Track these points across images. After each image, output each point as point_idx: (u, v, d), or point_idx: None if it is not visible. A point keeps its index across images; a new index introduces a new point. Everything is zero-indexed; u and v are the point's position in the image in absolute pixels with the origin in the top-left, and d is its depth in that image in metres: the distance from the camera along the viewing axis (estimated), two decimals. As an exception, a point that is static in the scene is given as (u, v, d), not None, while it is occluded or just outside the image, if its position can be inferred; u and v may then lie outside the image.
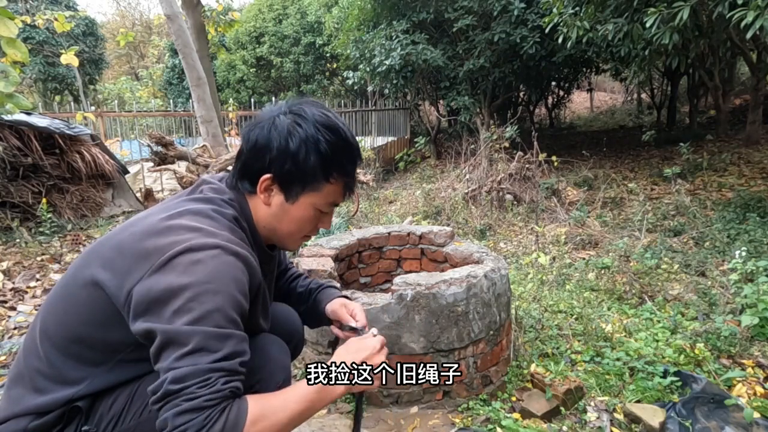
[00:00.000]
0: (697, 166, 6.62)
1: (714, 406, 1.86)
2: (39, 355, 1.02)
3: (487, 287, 1.91)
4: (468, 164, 6.54)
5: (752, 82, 8.05)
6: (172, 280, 0.90)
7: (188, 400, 0.83)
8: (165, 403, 0.85)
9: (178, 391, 0.84)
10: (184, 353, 0.85)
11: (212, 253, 0.94)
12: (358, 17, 9.80)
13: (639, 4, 5.15)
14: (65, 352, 1.01)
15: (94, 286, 0.97)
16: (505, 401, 1.92)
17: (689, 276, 3.49)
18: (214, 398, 0.84)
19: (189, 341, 0.86)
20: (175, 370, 0.85)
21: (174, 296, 0.89)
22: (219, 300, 0.90)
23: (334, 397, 1.00)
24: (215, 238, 0.97)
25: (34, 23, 3.58)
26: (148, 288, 0.90)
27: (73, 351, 1.01)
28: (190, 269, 0.91)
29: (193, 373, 0.84)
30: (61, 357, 1.01)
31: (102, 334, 0.99)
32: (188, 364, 0.85)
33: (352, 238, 2.46)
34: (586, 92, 16.47)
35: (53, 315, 1.03)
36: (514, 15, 7.81)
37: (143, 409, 1.04)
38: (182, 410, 0.83)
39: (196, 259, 0.92)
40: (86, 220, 4.85)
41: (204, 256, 0.93)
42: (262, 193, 1.09)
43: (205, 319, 0.88)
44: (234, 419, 0.84)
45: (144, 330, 0.89)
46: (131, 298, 0.91)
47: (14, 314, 2.83)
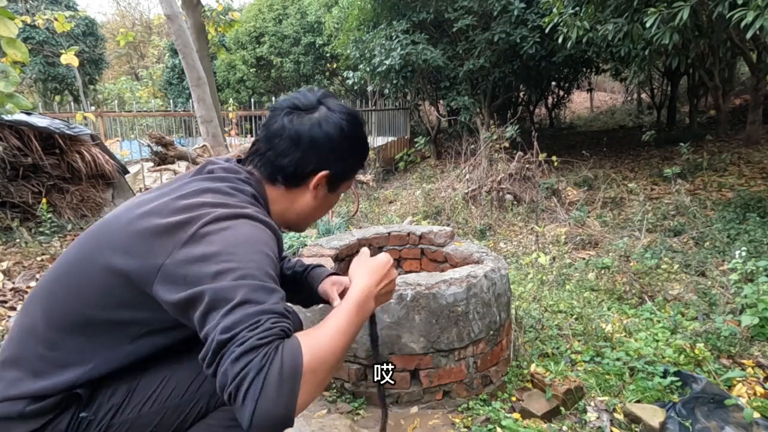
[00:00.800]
0: (697, 166, 6.62)
1: (714, 406, 1.86)
2: (39, 338, 1.00)
3: (487, 287, 1.91)
4: (468, 164, 6.54)
5: (752, 82, 8.05)
6: (207, 248, 0.90)
7: (241, 344, 0.81)
8: (219, 358, 0.83)
9: (229, 339, 0.82)
10: (231, 307, 0.85)
11: (241, 221, 0.95)
12: (358, 17, 9.80)
13: (639, 4, 5.15)
14: (71, 334, 0.99)
15: (109, 272, 0.96)
16: (505, 401, 1.92)
17: (689, 276, 3.49)
18: (267, 336, 0.83)
19: (235, 295, 0.85)
20: (223, 323, 0.84)
21: (213, 260, 0.89)
22: (258, 259, 0.91)
23: (368, 312, 1.02)
24: (241, 209, 0.98)
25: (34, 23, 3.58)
26: (183, 259, 0.90)
27: (79, 333, 0.99)
28: (223, 235, 0.92)
29: (242, 319, 0.84)
30: (66, 339, 0.99)
31: (114, 315, 0.98)
32: (236, 314, 0.84)
33: (352, 238, 2.46)
34: (586, 92, 16.47)
35: (57, 298, 1.01)
36: (514, 15, 7.81)
37: (144, 404, 1.04)
38: (237, 355, 0.81)
39: (227, 226, 0.93)
40: (86, 220, 4.85)
41: (234, 223, 0.94)
42: (314, 190, 1.11)
43: (249, 276, 0.88)
44: (291, 353, 0.83)
45: (185, 298, 0.88)
46: (164, 273, 0.90)
47: (14, 314, 2.83)
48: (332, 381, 1.92)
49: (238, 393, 0.80)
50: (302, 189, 1.11)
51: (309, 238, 3.77)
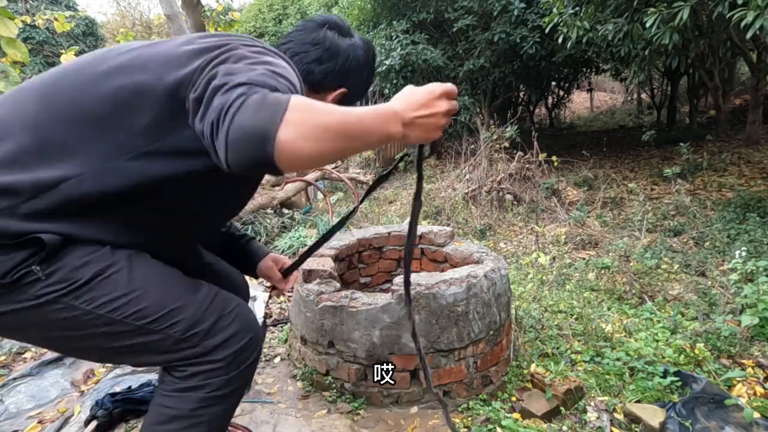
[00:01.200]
0: (697, 166, 6.62)
1: (714, 406, 1.86)
2: (32, 126, 0.93)
3: (487, 287, 1.91)
4: (468, 164, 6.53)
5: (752, 82, 8.05)
6: (242, 59, 0.92)
7: (233, 87, 0.82)
8: (211, 96, 0.83)
9: (223, 84, 0.84)
10: (239, 71, 0.87)
11: (272, 55, 0.99)
12: (358, 17, 9.81)
13: (639, 4, 5.16)
14: (73, 124, 0.94)
15: (125, 90, 0.94)
16: (505, 401, 1.91)
17: (689, 276, 3.49)
18: (258, 80, 0.84)
19: (251, 71, 0.87)
20: (224, 77, 0.85)
21: (246, 59, 0.92)
22: (289, 71, 0.95)
23: (386, 133, 0.87)
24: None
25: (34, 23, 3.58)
26: (218, 66, 0.90)
27: (81, 124, 0.94)
28: (256, 56, 0.94)
29: (239, 75, 0.85)
30: (66, 133, 0.93)
31: (124, 118, 0.95)
32: (240, 76, 0.85)
33: (352, 238, 2.46)
34: (586, 92, 16.47)
35: (65, 94, 0.96)
36: (514, 15, 7.81)
37: (101, 303, 0.96)
38: (228, 88, 0.81)
39: (259, 50, 0.97)
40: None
41: (265, 51, 0.99)
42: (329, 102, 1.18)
43: (276, 73, 0.90)
44: (276, 96, 0.80)
45: (206, 78, 0.88)
46: (192, 77, 0.92)
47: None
48: (332, 381, 1.91)
49: (219, 118, 0.79)
50: (319, 97, 1.16)
51: (309, 239, 3.78)
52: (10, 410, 1.96)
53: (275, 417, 1.77)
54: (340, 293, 1.92)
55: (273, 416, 1.77)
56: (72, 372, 2.24)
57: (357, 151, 0.89)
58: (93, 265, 0.97)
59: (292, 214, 4.46)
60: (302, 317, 1.98)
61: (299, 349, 2.05)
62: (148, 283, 1.03)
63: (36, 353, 2.43)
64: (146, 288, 1.02)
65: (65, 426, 1.82)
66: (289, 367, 2.13)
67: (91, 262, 0.96)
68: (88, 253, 0.97)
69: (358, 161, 8.54)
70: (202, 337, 1.06)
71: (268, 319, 2.78)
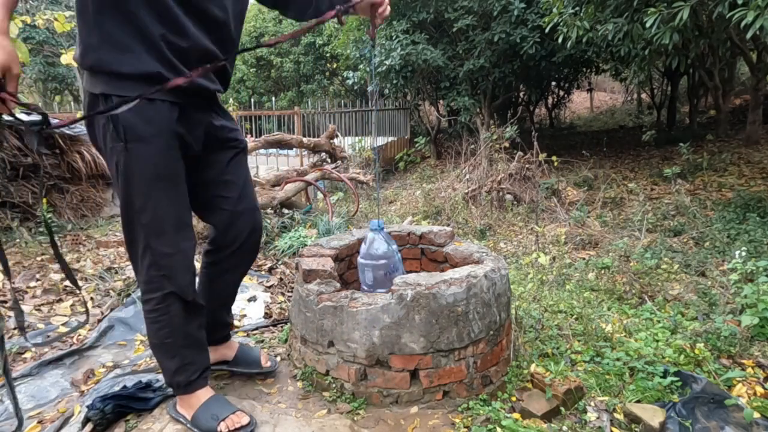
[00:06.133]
0: (697, 166, 6.62)
1: (714, 406, 1.86)
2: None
3: (487, 287, 1.91)
4: (468, 164, 6.54)
5: (752, 82, 8.06)
6: None
7: None
8: None
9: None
10: None
11: None
12: (358, 17, 9.80)
13: (639, 4, 5.16)
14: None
15: None
16: (505, 401, 1.91)
17: (689, 276, 3.49)
18: None
19: None
20: None
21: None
22: None
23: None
24: None
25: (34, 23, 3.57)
26: None
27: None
28: None
29: None
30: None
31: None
32: None
33: (352, 238, 2.46)
34: (586, 92, 16.48)
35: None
36: (514, 15, 7.81)
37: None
38: None
39: None
40: (86, 220, 4.85)
41: None
42: None
43: None
44: None
45: None
46: None
47: (13, 314, 2.83)
48: (332, 381, 1.92)
49: None
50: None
51: (309, 239, 3.78)
52: (10, 410, 1.96)
53: (275, 417, 1.77)
54: (340, 293, 1.92)
55: (273, 416, 1.77)
56: (72, 372, 2.24)
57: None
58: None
59: (292, 214, 4.46)
60: (302, 317, 1.98)
61: (299, 349, 2.05)
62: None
63: (36, 353, 2.44)
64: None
65: (65, 426, 1.82)
66: (289, 367, 2.13)
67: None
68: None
69: (358, 161, 8.54)
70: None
71: (268, 319, 2.78)
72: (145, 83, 1.37)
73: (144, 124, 1.40)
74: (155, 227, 1.48)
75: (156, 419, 1.75)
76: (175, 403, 1.76)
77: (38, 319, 2.79)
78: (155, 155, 1.43)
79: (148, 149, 1.42)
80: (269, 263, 3.69)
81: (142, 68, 1.37)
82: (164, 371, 1.68)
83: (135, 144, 1.40)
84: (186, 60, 1.44)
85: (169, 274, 1.51)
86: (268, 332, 2.59)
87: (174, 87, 1.36)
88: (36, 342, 2.46)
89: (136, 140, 1.40)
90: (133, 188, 1.45)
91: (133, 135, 1.39)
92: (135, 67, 1.37)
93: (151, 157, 1.43)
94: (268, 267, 3.63)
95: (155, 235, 1.48)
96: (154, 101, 1.40)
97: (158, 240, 1.49)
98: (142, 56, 1.37)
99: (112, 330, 2.61)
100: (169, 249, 1.50)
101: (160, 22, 1.36)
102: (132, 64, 1.37)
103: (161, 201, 1.47)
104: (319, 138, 5.36)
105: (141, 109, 1.38)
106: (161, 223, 1.48)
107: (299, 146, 5.25)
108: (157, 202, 1.47)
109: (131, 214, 1.48)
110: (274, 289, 3.24)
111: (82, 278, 3.38)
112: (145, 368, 2.21)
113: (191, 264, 1.59)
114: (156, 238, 1.48)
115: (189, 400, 1.69)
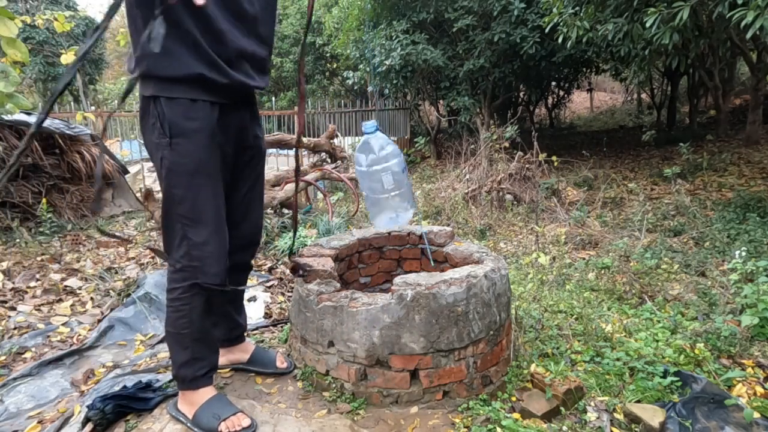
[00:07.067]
0: (697, 166, 6.62)
1: (714, 406, 1.86)
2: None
3: (487, 287, 1.91)
4: (468, 164, 6.53)
5: (752, 82, 8.06)
6: None
7: None
8: None
9: None
10: None
11: None
12: (358, 17, 9.80)
13: (639, 4, 5.15)
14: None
15: None
16: (505, 401, 1.91)
17: (689, 276, 3.49)
18: None
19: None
20: None
21: None
22: None
23: None
24: None
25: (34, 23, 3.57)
26: None
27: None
28: None
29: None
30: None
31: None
32: None
33: (352, 238, 2.46)
34: (586, 92, 16.48)
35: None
36: (514, 15, 7.81)
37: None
38: None
39: None
40: (86, 220, 4.85)
41: None
42: None
43: None
44: None
45: None
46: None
47: (14, 314, 2.83)
48: (332, 381, 1.92)
49: None
50: None
51: (309, 239, 3.77)
52: (10, 410, 1.96)
53: (275, 417, 1.77)
54: (340, 293, 1.92)
55: (273, 416, 1.77)
56: (72, 372, 2.24)
57: None
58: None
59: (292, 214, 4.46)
60: (302, 317, 1.98)
61: (299, 349, 2.05)
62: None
63: (36, 353, 2.44)
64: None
65: (65, 426, 1.82)
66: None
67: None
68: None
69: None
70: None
71: (268, 319, 2.78)
72: (189, 85, 1.51)
73: (187, 122, 1.53)
74: (192, 218, 1.59)
75: (156, 419, 1.75)
76: (175, 402, 1.76)
77: (38, 319, 2.79)
78: (196, 150, 1.55)
79: (189, 144, 1.54)
80: (269, 263, 3.69)
81: (185, 71, 1.50)
82: (173, 362, 1.73)
83: (178, 139, 1.53)
84: (227, 59, 1.54)
85: (201, 264, 1.61)
86: (268, 332, 2.59)
87: (215, 86, 1.52)
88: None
89: (179, 136, 1.53)
90: (175, 180, 1.57)
91: (177, 131, 1.52)
92: (178, 70, 1.50)
93: (192, 152, 1.55)
94: (268, 267, 3.63)
95: (192, 225, 1.60)
96: (196, 101, 1.53)
97: (194, 230, 1.60)
98: (183, 59, 1.49)
99: (112, 330, 2.61)
100: (203, 239, 1.61)
101: (197, 26, 1.47)
102: (176, 67, 1.49)
103: (200, 194, 1.59)
104: (319, 138, 5.36)
105: (185, 108, 1.52)
106: (198, 214, 1.59)
107: (299, 146, 5.24)
108: (196, 195, 1.58)
109: (171, 205, 1.61)
110: (274, 289, 3.24)
111: (81, 278, 3.38)
112: (145, 368, 2.21)
113: (224, 255, 1.67)
114: (192, 228, 1.60)
115: (191, 398, 1.70)
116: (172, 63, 1.49)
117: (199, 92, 1.54)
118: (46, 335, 2.60)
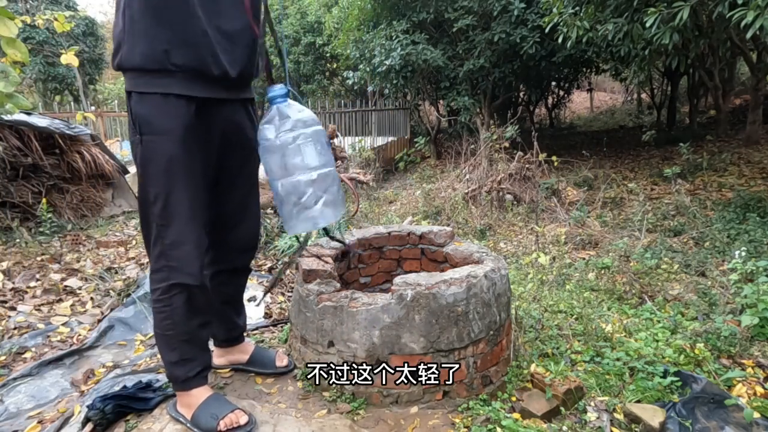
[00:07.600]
0: (697, 166, 6.62)
1: (714, 406, 1.86)
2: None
3: (487, 287, 1.91)
4: (468, 164, 6.54)
5: (752, 82, 8.05)
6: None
7: None
8: None
9: None
10: None
11: None
12: (358, 17, 9.80)
13: (639, 4, 5.15)
14: None
15: None
16: (505, 401, 1.92)
17: (689, 276, 3.49)
18: None
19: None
20: None
21: None
22: None
23: None
24: None
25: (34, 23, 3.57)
26: None
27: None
28: None
29: None
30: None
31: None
32: None
33: (352, 238, 2.46)
34: (586, 92, 16.48)
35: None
36: (514, 15, 7.81)
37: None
38: None
39: None
40: (86, 220, 4.85)
41: None
42: None
43: None
44: None
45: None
46: None
47: (14, 314, 2.83)
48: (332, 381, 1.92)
49: None
50: None
51: (309, 239, 3.77)
52: (10, 410, 1.96)
53: (275, 417, 1.77)
54: (340, 293, 1.92)
55: (273, 416, 1.77)
56: (72, 372, 2.24)
57: None
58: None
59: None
60: (302, 317, 1.98)
61: (299, 349, 2.05)
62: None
63: (36, 353, 2.44)
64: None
65: (65, 426, 1.82)
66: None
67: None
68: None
69: (358, 161, 8.54)
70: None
71: (268, 319, 2.78)
72: (159, 76, 1.42)
73: (158, 119, 1.45)
74: (167, 217, 1.53)
75: (156, 419, 1.75)
76: (175, 403, 1.76)
77: (38, 319, 2.79)
78: (169, 149, 1.47)
79: (161, 143, 1.47)
80: (269, 263, 3.69)
81: (151, 52, 1.40)
82: (164, 363, 1.72)
83: (149, 137, 1.46)
84: (199, 39, 1.44)
85: (177, 264, 1.56)
86: (268, 332, 2.59)
87: (188, 79, 1.42)
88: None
89: (149, 133, 1.46)
90: (148, 179, 1.52)
91: (148, 129, 1.46)
92: (146, 48, 1.40)
93: (164, 151, 1.47)
94: (268, 267, 3.63)
95: (166, 225, 1.54)
96: (168, 96, 1.44)
97: (168, 230, 1.54)
98: (150, 35, 1.39)
99: (112, 330, 2.61)
100: (178, 239, 1.55)
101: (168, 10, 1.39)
102: (144, 46, 1.40)
103: (172, 193, 1.51)
104: (319, 138, 5.36)
105: (156, 103, 1.44)
106: (172, 214, 1.53)
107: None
108: (169, 194, 1.51)
109: (146, 204, 1.56)
110: (274, 288, 3.24)
111: (81, 278, 3.38)
112: (145, 368, 2.21)
113: (201, 255, 1.62)
114: (166, 228, 1.54)
115: (188, 399, 1.69)
116: (141, 42, 1.39)
117: (171, 85, 1.43)
118: (46, 335, 2.60)
